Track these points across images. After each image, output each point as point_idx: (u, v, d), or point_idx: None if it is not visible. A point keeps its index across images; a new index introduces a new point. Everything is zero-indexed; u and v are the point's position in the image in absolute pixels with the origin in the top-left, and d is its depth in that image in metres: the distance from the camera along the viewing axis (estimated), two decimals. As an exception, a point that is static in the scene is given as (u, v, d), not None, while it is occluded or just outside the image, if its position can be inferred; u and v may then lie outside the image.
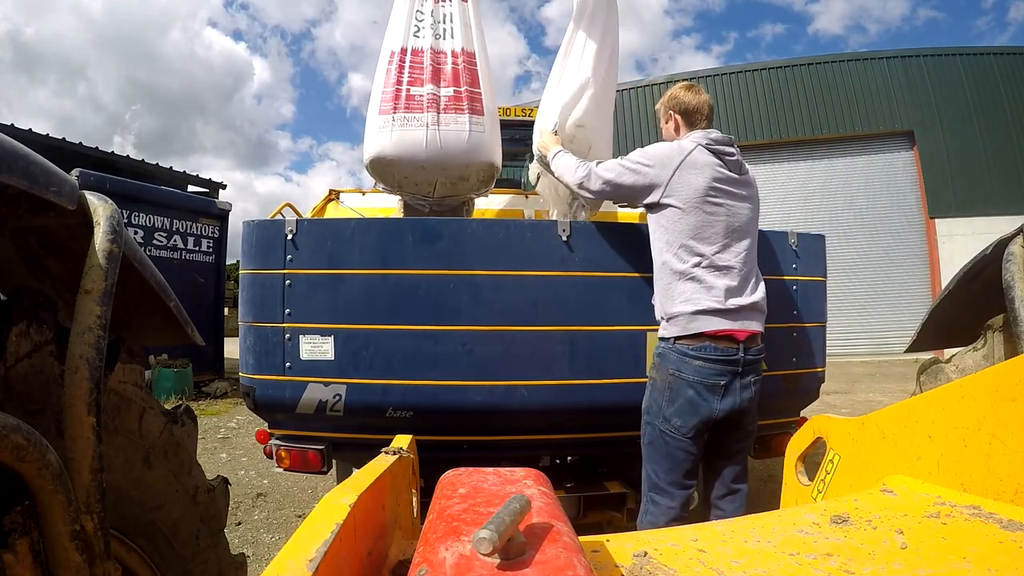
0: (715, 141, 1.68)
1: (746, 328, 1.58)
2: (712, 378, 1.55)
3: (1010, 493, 0.72)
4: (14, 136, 0.67)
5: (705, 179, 1.61)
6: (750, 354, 1.59)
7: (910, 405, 0.91)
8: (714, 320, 1.55)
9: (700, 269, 1.58)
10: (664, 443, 1.59)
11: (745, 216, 1.66)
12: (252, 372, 1.78)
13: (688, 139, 1.69)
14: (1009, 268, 1.12)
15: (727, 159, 1.66)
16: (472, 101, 2.26)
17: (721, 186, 1.62)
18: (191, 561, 1.06)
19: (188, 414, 1.12)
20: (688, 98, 1.76)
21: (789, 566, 0.67)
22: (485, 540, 0.43)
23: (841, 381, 7.68)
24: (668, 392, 1.59)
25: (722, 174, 1.63)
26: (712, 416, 1.56)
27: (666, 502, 1.60)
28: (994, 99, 10.69)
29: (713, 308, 1.55)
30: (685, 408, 1.56)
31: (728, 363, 1.55)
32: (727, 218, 1.62)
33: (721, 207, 1.61)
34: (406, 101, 2.24)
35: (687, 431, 1.56)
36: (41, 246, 0.92)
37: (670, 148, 1.68)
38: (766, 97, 11.44)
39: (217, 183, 10.59)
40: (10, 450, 0.59)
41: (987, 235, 1.66)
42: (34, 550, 0.66)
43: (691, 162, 1.62)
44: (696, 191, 1.60)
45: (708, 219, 1.60)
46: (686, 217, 1.60)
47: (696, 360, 1.55)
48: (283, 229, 1.75)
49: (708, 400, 1.55)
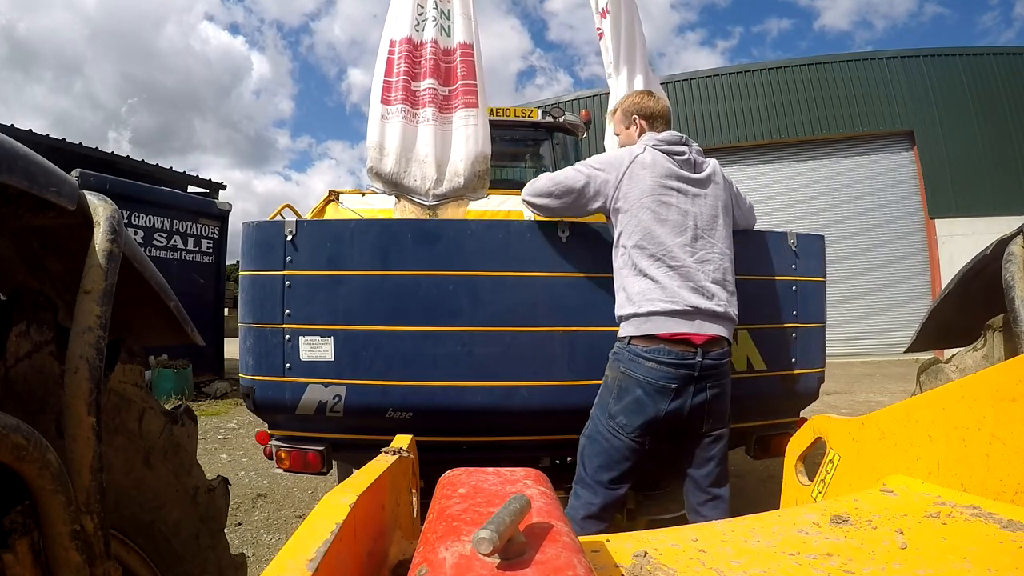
0: (664, 141, 1.68)
1: (705, 332, 1.54)
2: (662, 381, 1.52)
3: (1010, 493, 0.72)
4: (14, 136, 0.67)
5: (654, 179, 1.60)
6: (709, 359, 1.54)
7: (910, 405, 0.91)
8: (668, 322, 1.53)
9: (654, 270, 1.56)
10: (604, 439, 1.58)
11: (705, 215, 1.63)
12: (252, 373, 1.78)
13: (639, 143, 1.72)
14: (1009, 268, 1.12)
15: (678, 158, 1.65)
16: (468, 95, 2.26)
17: (672, 184, 1.61)
18: (191, 561, 1.06)
19: (188, 414, 1.12)
20: (651, 103, 1.80)
21: (789, 566, 0.67)
22: (485, 540, 0.43)
23: (841, 381, 7.67)
24: (617, 389, 1.57)
25: (673, 172, 1.63)
26: (658, 418, 1.53)
27: (588, 496, 1.59)
28: (994, 99, 10.69)
29: (667, 310, 1.53)
30: (631, 407, 1.54)
31: (682, 367, 1.52)
32: (681, 217, 1.60)
33: (673, 207, 1.60)
34: (406, 94, 2.23)
35: (630, 430, 1.54)
36: (41, 246, 0.92)
37: (620, 152, 1.69)
38: (766, 97, 11.45)
39: (217, 183, 10.60)
40: (10, 450, 0.59)
41: (987, 235, 1.65)
42: (34, 550, 0.66)
43: (640, 163, 1.63)
44: (644, 192, 1.60)
45: (660, 219, 1.59)
46: (637, 218, 1.59)
47: (648, 362, 1.53)
48: (283, 230, 1.75)
49: (655, 402, 1.52)
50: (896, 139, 11.16)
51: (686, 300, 1.53)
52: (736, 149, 11.47)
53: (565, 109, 4.75)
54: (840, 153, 11.37)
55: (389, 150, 2.21)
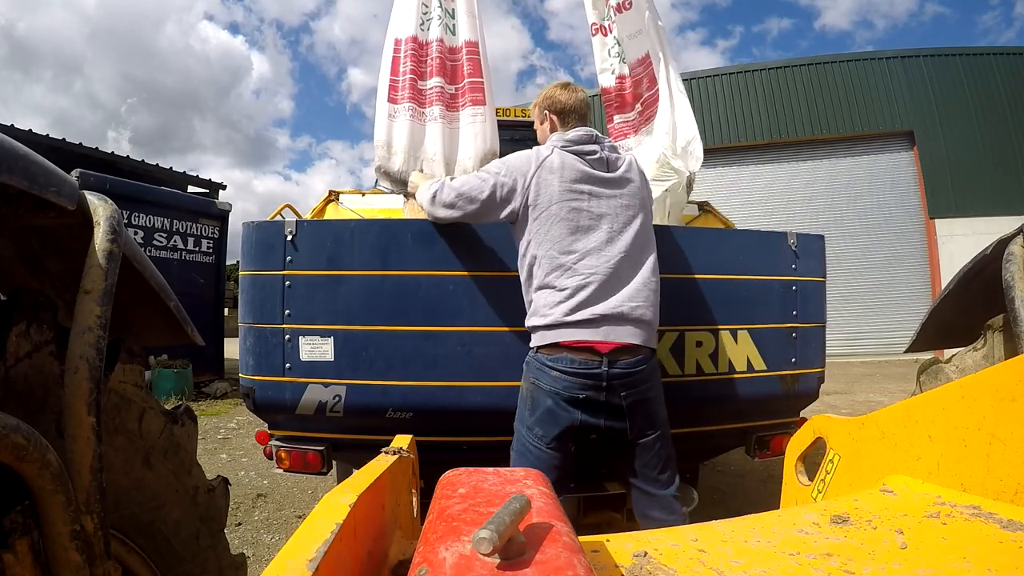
0: (572, 141, 1.58)
1: (612, 340, 1.45)
2: (569, 391, 1.45)
3: (1010, 493, 0.72)
4: (14, 136, 0.67)
5: (561, 182, 1.52)
6: (617, 368, 1.45)
7: (910, 405, 0.91)
8: (570, 330, 1.46)
9: (562, 279, 1.49)
10: (528, 452, 1.52)
11: (621, 216, 1.54)
12: (252, 373, 1.78)
13: (547, 143, 1.62)
14: (1009, 268, 1.12)
15: (589, 158, 1.56)
16: (475, 92, 2.25)
17: (583, 188, 1.53)
18: (191, 561, 1.06)
19: (188, 414, 1.12)
20: (563, 97, 1.67)
21: (789, 566, 0.67)
22: (485, 540, 0.43)
23: (841, 381, 7.68)
24: (530, 401, 1.53)
25: (584, 174, 1.54)
26: (574, 427, 1.46)
27: None
28: (994, 99, 10.70)
29: (571, 320, 1.45)
30: (545, 418, 1.48)
31: (586, 377, 1.44)
32: (593, 221, 1.52)
33: (584, 211, 1.52)
34: (413, 93, 2.22)
35: (548, 441, 1.48)
36: (41, 246, 0.92)
37: (527, 155, 1.59)
38: (766, 97, 11.46)
39: (217, 184, 10.60)
40: (10, 450, 0.59)
41: (987, 235, 1.65)
42: (34, 550, 0.66)
43: (547, 166, 1.54)
44: (553, 198, 1.51)
45: (570, 225, 1.50)
46: (544, 224, 1.51)
47: (553, 371, 1.46)
48: (283, 230, 1.75)
49: (568, 411, 1.46)
50: (896, 139, 11.17)
51: (593, 308, 1.46)
52: (736, 149, 11.48)
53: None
54: (840, 153, 11.38)
55: (397, 149, 2.20)
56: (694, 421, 1.94)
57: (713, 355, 1.89)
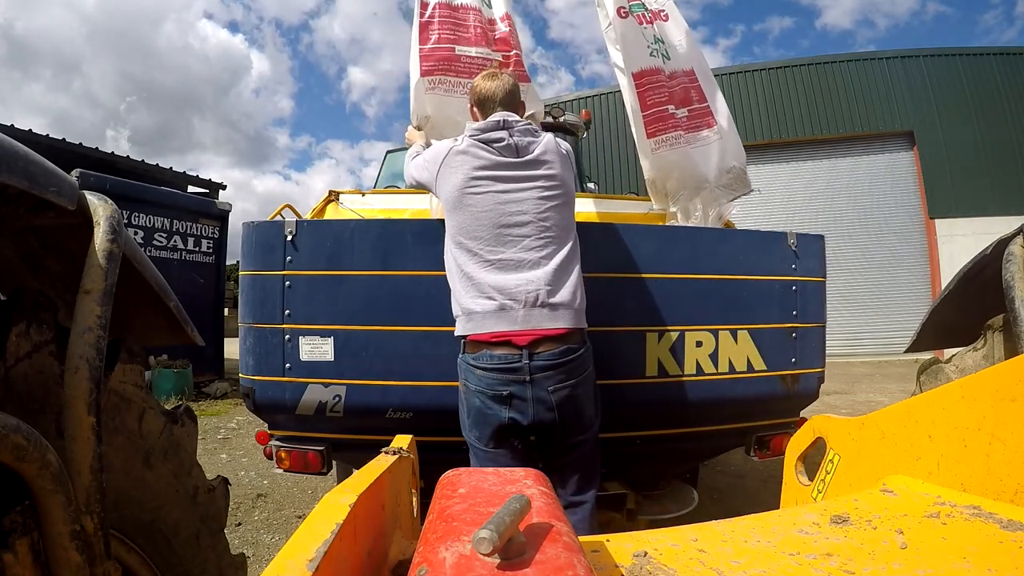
0: (479, 130, 1.56)
1: (530, 330, 1.40)
2: (493, 388, 1.41)
3: (1010, 493, 0.72)
4: (14, 136, 0.67)
5: (464, 171, 1.50)
6: (539, 360, 1.40)
7: (910, 405, 0.91)
8: (486, 323, 1.42)
9: (472, 266, 1.46)
10: (475, 454, 1.52)
11: (532, 200, 1.49)
12: (252, 373, 1.78)
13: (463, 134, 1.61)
14: (1009, 268, 1.12)
15: (495, 145, 1.52)
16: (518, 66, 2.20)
17: (486, 174, 1.50)
18: (191, 561, 1.06)
19: (188, 414, 1.12)
20: (484, 86, 1.64)
21: (789, 566, 0.67)
22: (485, 540, 0.43)
23: (841, 381, 7.67)
24: (464, 403, 1.52)
25: (488, 161, 1.51)
26: (504, 425, 1.43)
27: None
28: (994, 99, 10.69)
29: (484, 309, 1.42)
30: (477, 418, 1.47)
31: (507, 371, 1.40)
32: (500, 207, 1.47)
33: (487, 197, 1.48)
34: (450, 63, 2.12)
35: (486, 441, 1.47)
36: (41, 246, 0.92)
37: (441, 145, 1.60)
38: (766, 97, 11.45)
39: (217, 184, 10.60)
40: (10, 450, 0.59)
41: (987, 235, 1.65)
42: (34, 550, 0.66)
43: (451, 157, 1.54)
44: (456, 186, 1.50)
45: (474, 212, 1.48)
46: (454, 213, 1.51)
47: (477, 369, 1.43)
48: (283, 230, 1.75)
49: (494, 409, 1.43)
50: (896, 139, 11.17)
51: (506, 296, 1.42)
52: (736, 149, 11.47)
53: (565, 109, 4.75)
54: (840, 153, 11.38)
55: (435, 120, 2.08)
56: (694, 421, 1.94)
57: (713, 355, 1.89)
